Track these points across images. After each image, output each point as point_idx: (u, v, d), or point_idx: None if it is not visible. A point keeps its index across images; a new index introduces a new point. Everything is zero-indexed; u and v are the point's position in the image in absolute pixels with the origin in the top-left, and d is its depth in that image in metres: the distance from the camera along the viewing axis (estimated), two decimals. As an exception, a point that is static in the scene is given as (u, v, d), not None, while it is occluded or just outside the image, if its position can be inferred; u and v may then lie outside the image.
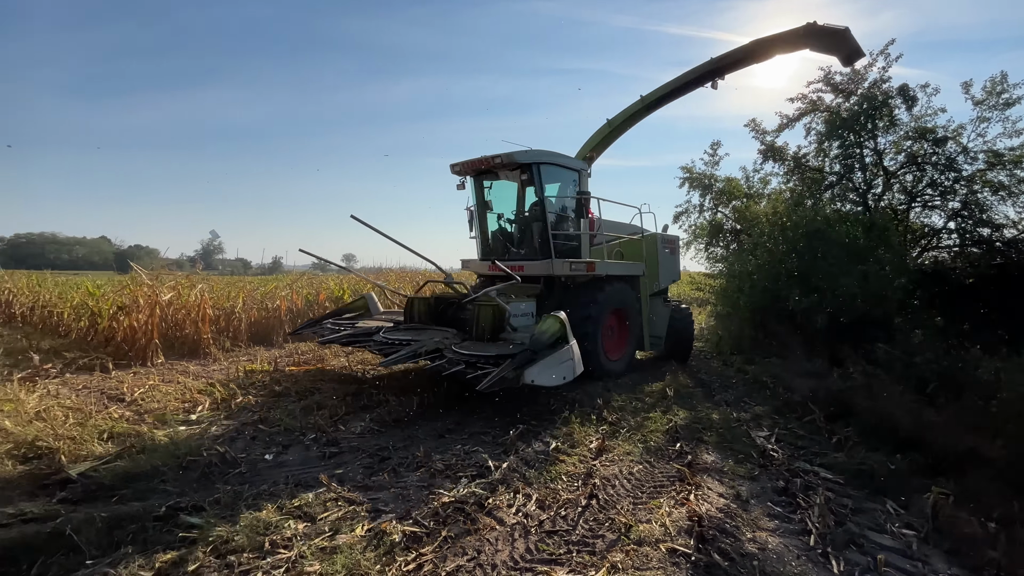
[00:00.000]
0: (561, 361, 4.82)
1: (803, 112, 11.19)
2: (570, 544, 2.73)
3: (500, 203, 7.54)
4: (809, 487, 3.67)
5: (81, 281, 14.40)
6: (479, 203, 7.54)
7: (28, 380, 5.98)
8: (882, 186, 10.61)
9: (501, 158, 6.73)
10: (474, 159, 7.06)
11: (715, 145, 13.61)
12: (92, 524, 2.61)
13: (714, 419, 5.29)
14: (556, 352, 4.82)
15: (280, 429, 4.47)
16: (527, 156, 6.74)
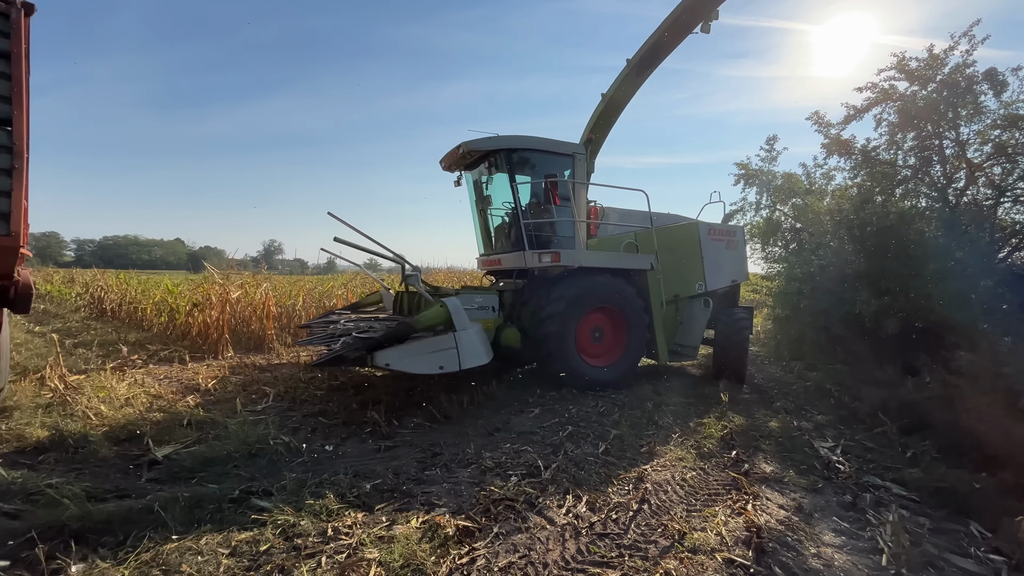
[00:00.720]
0: (433, 349, 4.80)
1: (873, 102, 10.43)
2: (622, 548, 2.70)
3: (502, 195, 6.95)
4: (880, 503, 3.45)
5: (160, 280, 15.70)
6: (475, 197, 7.33)
7: (118, 369, 6.58)
8: (965, 180, 9.75)
9: (463, 147, 6.37)
10: (449, 152, 6.75)
11: (772, 140, 12.98)
12: (176, 503, 2.85)
13: (772, 427, 5.06)
14: (429, 340, 4.85)
15: (339, 422, 4.69)
16: (491, 143, 6.31)
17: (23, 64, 3.64)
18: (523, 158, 6.46)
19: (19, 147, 3.55)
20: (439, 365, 4.83)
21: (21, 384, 5.35)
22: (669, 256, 7.09)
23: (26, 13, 3.68)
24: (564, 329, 6.03)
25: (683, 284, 7.23)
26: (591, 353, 6.41)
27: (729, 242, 7.82)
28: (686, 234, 7.38)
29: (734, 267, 7.88)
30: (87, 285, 15.22)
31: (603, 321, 6.52)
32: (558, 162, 6.57)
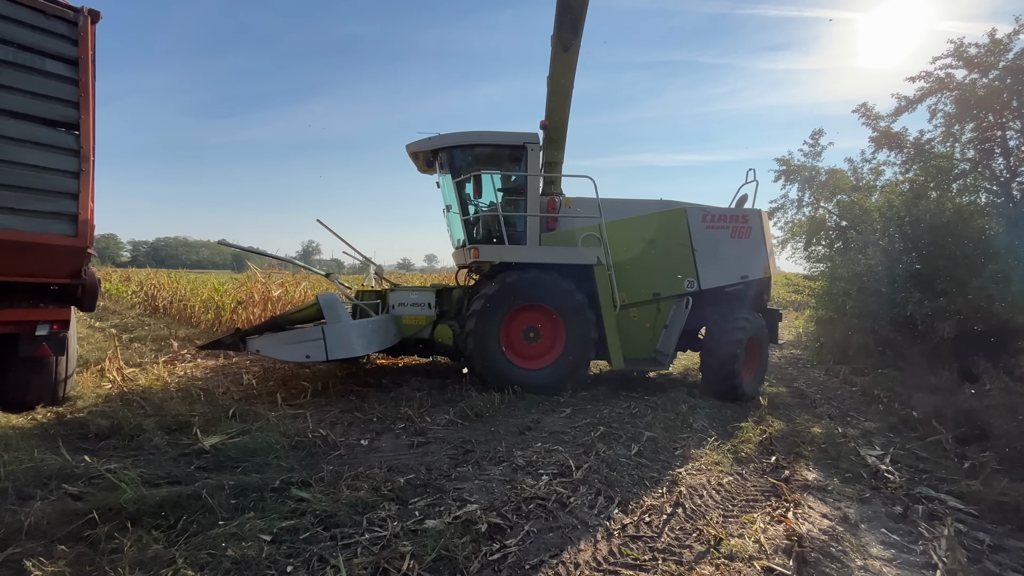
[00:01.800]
0: (301, 340, 5.29)
1: (927, 92, 9.86)
2: (655, 551, 2.65)
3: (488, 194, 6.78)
4: (934, 516, 3.26)
5: (207, 279, 16.47)
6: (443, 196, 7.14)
7: (169, 363, 6.96)
8: (1031, 173, 9.08)
9: (410, 147, 6.44)
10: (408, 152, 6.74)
11: (816, 134, 12.48)
12: (222, 490, 2.98)
13: (815, 433, 4.86)
14: (298, 331, 5.48)
15: (373, 417, 4.81)
16: (431, 143, 6.27)
17: (90, 70, 3.89)
18: (468, 154, 6.28)
19: (86, 151, 3.80)
20: (306, 354, 5.25)
21: (83, 375, 5.73)
22: (645, 248, 6.28)
23: (92, 20, 3.93)
24: (484, 328, 5.79)
25: (665, 280, 6.33)
26: (525, 355, 6.06)
27: (736, 229, 6.49)
28: (669, 222, 6.34)
29: (744, 260, 6.51)
30: (142, 284, 16.16)
31: (540, 320, 6.07)
32: (508, 154, 6.30)
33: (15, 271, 3.81)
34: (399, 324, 6.39)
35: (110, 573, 2.25)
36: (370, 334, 5.65)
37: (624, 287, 6.23)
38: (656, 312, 6.38)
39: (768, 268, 6.56)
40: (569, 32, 5.68)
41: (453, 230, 6.87)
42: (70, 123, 3.83)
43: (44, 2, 3.72)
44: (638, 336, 6.36)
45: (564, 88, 6.20)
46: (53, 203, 3.72)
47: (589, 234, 6.17)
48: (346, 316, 5.53)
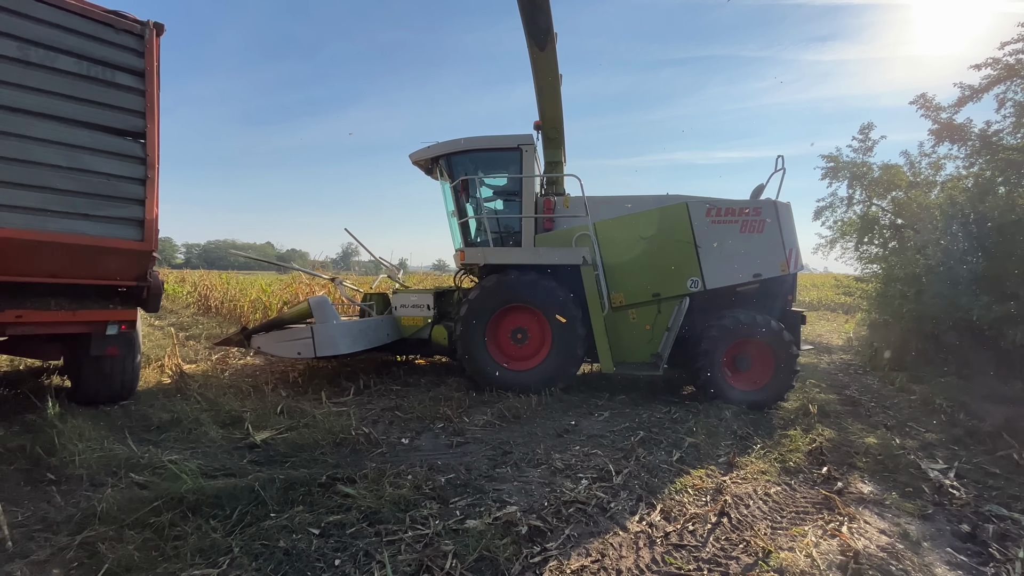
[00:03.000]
0: (293, 338, 5.76)
1: (995, 80, 9.16)
2: (700, 561, 2.59)
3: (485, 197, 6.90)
4: (1006, 536, 3.02)
5: (255, 280, 17.23)
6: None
7: (222, 360, 7.32)
8: (1117, 165, 8.31)
9: (411, 157, 6.64)
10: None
11: (866, 128, 11.79)
12: (273, 484, 3.12)
13: (870, 443, 4.61)
14: (291, 329, 5.93)
15: (413, 416, 4.90)
16: (430, 151, 6.44)
17: (155, 81, 4.14)
18: (465, 160, 6.36)
19: (151, 159, 4.05)
20: (297, 351, 5.73)
21: (146, 371, 6.11)
22: (644, 246, 5.96)
23: (157, 33, 4.18)
24: (471, 330, 5.87)
25: (667, 280, 5.96)
26: (513, 356, 6.07)
27: (747, 223, 5.92)
28: (669, 217, 5.95)
29: (757, 257, 5.92)
30: (195, 285, 17.08)
31: (528, 322, 6.03)
32: (505, 157, 6.30)
33: (88, 274, 4.11)
34: (399, 324, 6.68)
35: (175, 559, 2.39)
36: (357, 334, 5.95)
37: (621, 287, 6.04)
38: (657, 314, 6.06)
39: (786, 265, 5.92)
40: (539, 30, 5.56)
41: (453, 234, 7.01)
42: (137, 132, 4.09)
43: (114, 17, 3.98)
44: (637, 339, 6.11)
45: (550, 87, 6.13)
46: (122, 209, 3.99)
47: (583, 234, 6.01)
48: (333, 316, 5.91)
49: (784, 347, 5.59)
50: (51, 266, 3.89)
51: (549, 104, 6.30)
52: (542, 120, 6.46)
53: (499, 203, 6.76)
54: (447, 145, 6.35)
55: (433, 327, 6.57)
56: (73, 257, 3.91)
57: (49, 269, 3.90)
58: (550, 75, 6.01)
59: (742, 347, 5.74)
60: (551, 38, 5.69)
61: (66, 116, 3.79)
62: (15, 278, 3.76)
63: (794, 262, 5.96)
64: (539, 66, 5.94)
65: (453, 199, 6.55)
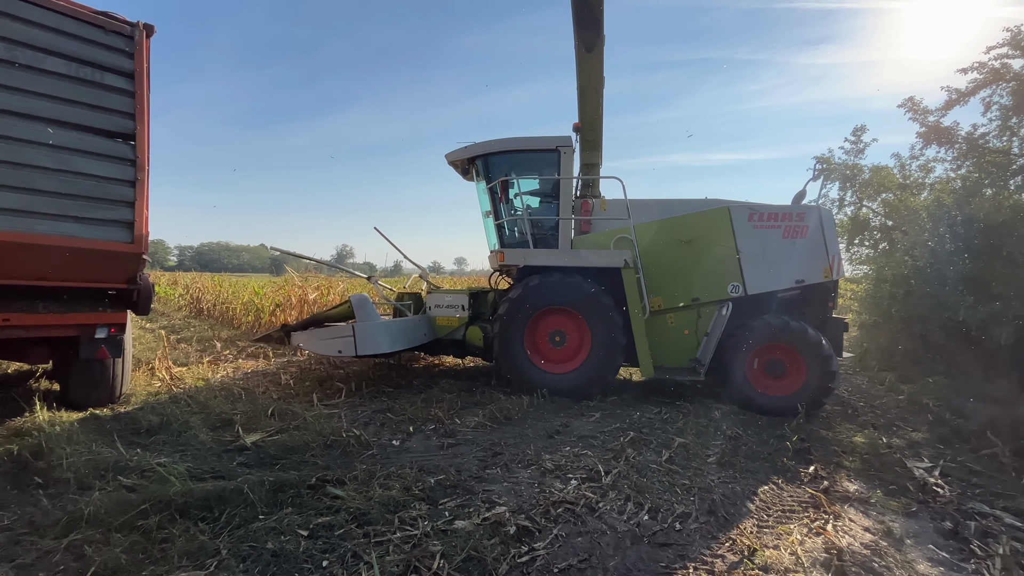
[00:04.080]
0: (334, 336, 5.71)
1: (981, 84, 9.31)
2: (686, 559, 2.61)
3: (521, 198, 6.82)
4: (988, 533, 3.07)
5: (248, 282, 17.16)
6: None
7: (213, 363, 7.29)
8: (1100, 168, 8.47)
9: (448, 157, 6.69)
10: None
11: (859, 130, 11.95)
12: (262, 486, 3.11)
13: (857, 442, 4.67)
14: (334, 327, 5.96)
15: (404, 418, 4.90)
16: (467, 151, 6.45)
17: (145, 82, 4.13)
18: (502, 160, 6.35)
19: (141, 160, 4.04)
20: (338, 349, 5.65)
21: (135, 374, 6.08)
22: (684, 250, 5.93)
23: (147, 34, 4.17)
24: (508, 332, 5.84)
25: (707, 285, 5.90)
26: (551, 358, 5.99)
27: (789, 229, 5.85)
28: (710, 222, 5.90)
29: (799, 263, 5.84)
30: (187, 287, 16.99)
31: (566, 324, 5.98)
32: (543, 158, 6.27)
33: (77, 277, 4.09)
34: (433, 324, 6.66)
35: (162, 561, 2.39)
36: (397, 333, 5.91)
37: (660, 292, 6.00)
38: (697, 319, 5.99)
39: (829, 271, 5.82)
40: (590, 31, 5.52)
41: (488, 235, 7.02)
42: (127, 134, 4.08)
43: (104, 18, 3.97)
44: (676, 343, 6.05)
45: (593, 89, 6.07)
46: (111, 211, 3.98)
47: (621, 236, 6.01)
48: (375, 315, 5.87)
49: (816, 354, 5.38)
50: (39, 269, 3.87)
51: (590, 107, 6.25)
52: (581, 122, 6.40)
53: (536, 204, 6.74)
54: (484, 146, 6.36)
55: (467, 328, 6.54)
56: (62, 260, 3.89)
57: (37, 272, 3.88)
58: (594, 78, 6.00)
59: (773, 352, 5.60)
60: (600, 40, 5.68)
61: (55, 118, 3.78)
62: (2, 281, 3.74)
63: (836, 268, 5.90)
64: (584, 68, 5.93)
65: (489, 200, 6.53)
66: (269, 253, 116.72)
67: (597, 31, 5.57)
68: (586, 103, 6.21)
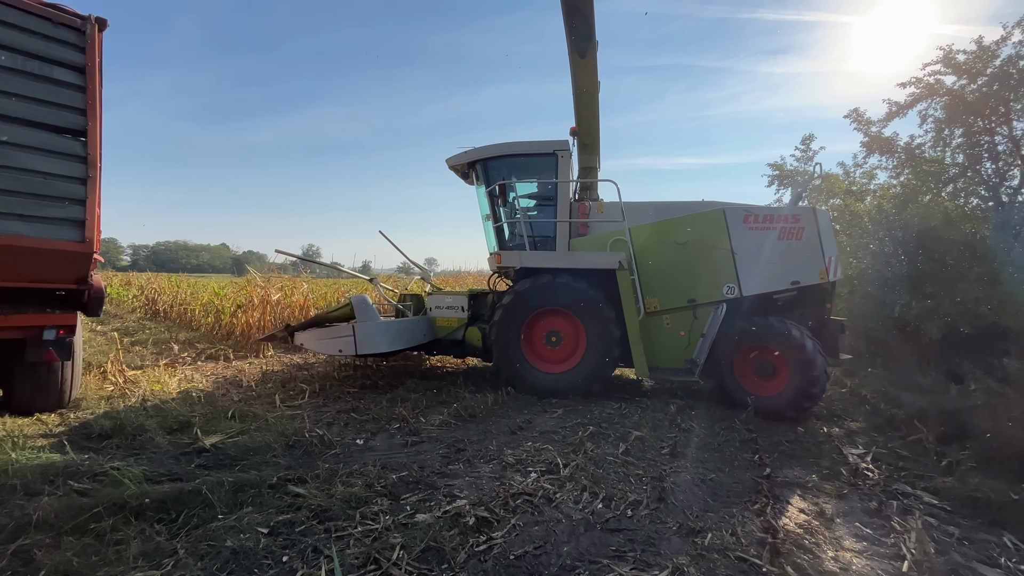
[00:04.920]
0: (335, 335, 5.93)
1: (918, 97, 10.02)
2: (635, 542, 2.77)
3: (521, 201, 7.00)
4: (908, 511, 3.37)
5: (208, 283, 16.61)
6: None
7: (170, 366, 7.08)
8: (1020, 177, 9.24)
9: (449, 161, 6.85)
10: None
11: (807, 139, 12.67)
12: (222, 486, 3.10)
13: (800, 432, 4.99)
14: (335, 327, 6.12)
15: (369, 418, 4.93)
16: (467, 156, 6.64)
17: (96, 77, 4.02)
18: (501, 164, 6.51)
19: (92, 157, 3.93)
20: (339, 348, 5.89)
21: (86, 378, 5.85)
22: (679, 252, 5.99)
23: (99, 28, 4.06)
24: (505, 332, 6.00)
25: (702, 286, 5.96)
26: (547, 358, 6.13)
27: (785, 230, 5.86)
28: (706, 223, 5.95)
29: (795, 264, 5.85)
30: (142, 288, 16.31)
31: (562, 325, 6.10)
32: (540, 163, 6.42)
33: (24, 277, 3.94)
34: (433, 325, 6.83)
35: (116, 563, 2.38)
36: (396, 333, 6.10)
37: (656, 293, 6.07)
38: (693, 320, 6.02)
39: (825, 273, 5.84)
40: (581, 37, 5.62)
41: (488, 238, 7.13)
42: (77, 130, 3.96)
43: (52, 10, 3.85)
44: (672, 344, 6.08)
45: (588, 94, 6.17)
46: (61, 209, 3.85)
47: (618, 239, 6.12)
48: (374, 316, 6.01)
49: (799, 355, 5.36)
50: (-18, 268, 3.72)
51: (586, 111, 6.36)
52: (578, 126, 6.53)
53: (534, 207, 6.88)
54: (484, 150, 6.51)
55: (467, 328, 6.70)
56: (8, 259, 3.75)
57: (-20, 272, 3.73)
58: (589, 82, 6.08)
59: (760, 353, 5.66)
60: (592, 46, 5.77)
61: (1, 113, 3.64)
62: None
63: (833, 270, 5.92)
64: (579, 73, 5.99)
65: (488, 203, 6.68)
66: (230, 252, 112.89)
67: (589, 36, 5.67)
68: (582, 108, 6.33)
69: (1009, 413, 4.54)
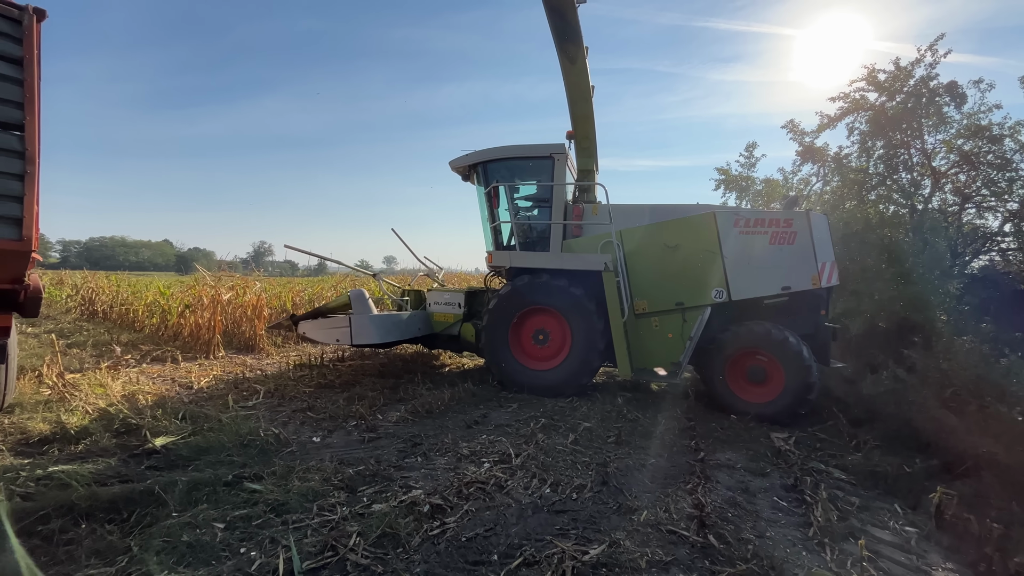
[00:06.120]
0: (333, 326, 6.35)
1: (846, 111, 10.92)
2: (578, 521, 3.02)
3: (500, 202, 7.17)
4: (818, 485, 3.79)
5: (151, 281, 15.81)
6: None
7: (112, 368, 6.80)
8: (930, 187, 10.24)
9: (451, 164, 7.16)
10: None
11: (751, 146, 13.48)
12: (175, 486, 3.12)
13: (733, 420, 5.42)
14: (334, 318, 6.51)
15: (326, 416, 4.97)
16: (468, 159, 6.92)
17: (35, 70, 3.87)
18: (500, 167, 6.77)
19: (31, 152, 3.79)
20: (336, 338, 6.28)
21: (20, 382, 5.56)
22: (669, 255, 6.03)
23: (38, 19, 3.91)
24: (494, 329, 6.27)
25: (691, 289, 5.95)
26: (535, 356, 6.33)
27: (777, 235, 5.82)
28: (697, 227, 5.94)
29: (786, 269, 5.79)
30: (77, 287, 15.32)
31: (549, 324, 6.29)
32: (537, 165, 6.63)
33: (-47, 276, 3.75)
34: (431, 320, 7.15)
35: (68, 562, 2.39)
36: (390, 326, 6.45)
37: (645, 295, 6.16)
38: (682, 322, 6.02)
39: (818, 279, 5.80)
40: (569, 43, 5.76)
41: (486, 238, 7.28)
42: (14, 124, 3.80)
43: None
44: (660, 346, 6.13)
45: (582, 98, 6.35)
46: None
47: (608, 241, 6.22)
48: (370, 309, 6.31)
49: (794, 361, 5.43)
50: (-94, 268, 3.53)
51: (581, 115, 6.49)
52: (574, 129, 6.70)
53: (531, 209, 7.06)
54: (483, 153, 6.77)
55: (462, 324, 7.03)
56: (-64, 258, 3.57)
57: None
58: (582, 87, 6.22)
59: (753, 358, 5.69)
60: (581, 52, 5.90)
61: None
62: None
63: (827, 276, 5.90)
64: (571, 79, 6.14)
65: (486, 204, 6.90)
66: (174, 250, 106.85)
67: (577, 43, 5.81)
68: (576, 111, 6.51)
69: (909, 398, 5.12)
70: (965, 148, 9.67)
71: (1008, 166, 9.13)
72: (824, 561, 2.79)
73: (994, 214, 9.92)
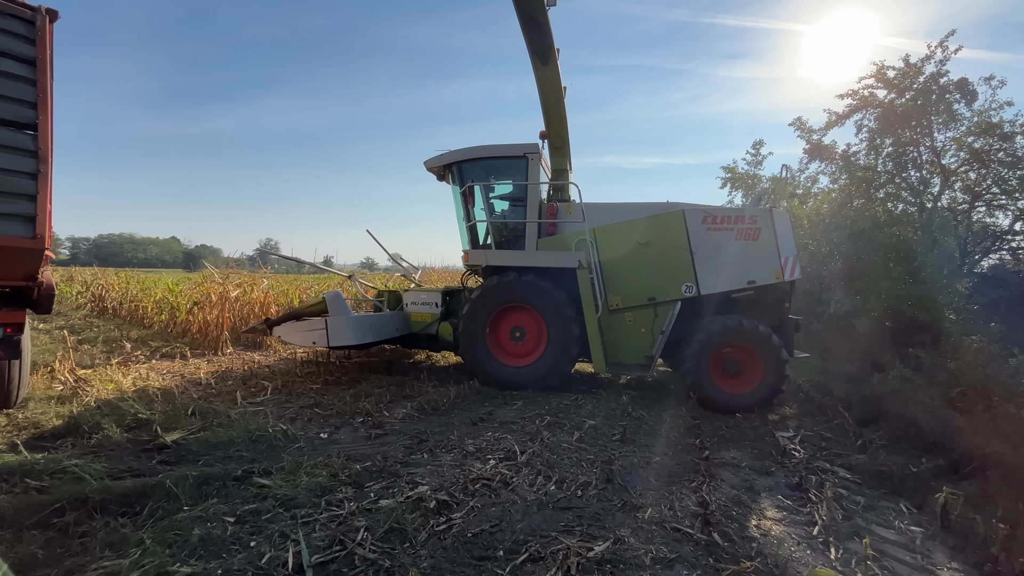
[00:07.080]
0: (309, 329, 6.20)
1: (854, 108, 10.83)
2: (582, 518, 3.04)
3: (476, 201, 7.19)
4: (823, 484, 3.79)
5: (159, 278, 15.97)
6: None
7: (122, 365, 6.89)
8: (940, 185, 10.14)
9: (426, 164, 7.13)
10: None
11: (757, 144, 13.41)
12: (186, 480, 3.17)
13: (738, 419, 5.42)
14: (309, 320, 6.38)
15: (333, 412, 5.02)
16: (442, 159, 6.92)
17: (47, 70, 3.92)
18: (475, 167, 6.78)
19: (44, 151, 3.85)
20: (312, 341, 6.15)
21: (33, 377, 5.66)
22: (640, 252, 6.23)
23: (50, 20, 3.96)
24: (472, 326, 6.33)
25: (662, 285, 6.17)
26: (512, 353, 6.44)
27: (743, 231, 6.07)
28: (666, 224, 6.16)
29: (752, 264, 6.06)
30: (87, 284, 15.50)
31: (525, 321, 6.40)
32: (512, 165, 6.65)
33: (-31, 273, 3.82)
34: (409, 320, 7.09)
35: (82, 554, 2.44)
36: (367, 327, 6.35)
37: (618, 291, 6.31)
38: (654, 317, 6.23)
39: (781, 273, 6.03)
40: (541, 46, 5.80)
41: (462, 237, 7.32)
42: (28, 124, 3.86)
43: (1, 2, 3.74)
44: (634, 341, 6.31)
45: (555, 99, 6.39)
46: (10, 205, 3.75)
47: (582, 238, 6.33)
48: (346, 311, 6.25)
49: (772, 352, 5.66)
50: (-76, 265, 3.60)
51: (554, 115, 6.56)
52: (547, 129, 6.77)
53: (506, 208, 7.12)
54: (458, 153, 6.77)
55: (440, 323, 7.02)
56: (-49, 255, 3.64)
57: (-78, 268, 3.60)
58: (554, 88, 6.29)
59: (730, 351, 5.87)
60: (553, 54, 5.94)
61: (-56, 105, 3.53)
62: None
63: (790, 270, 6.09)
64: (543, 80, 6.19)
65: (462, 204, 6.92)
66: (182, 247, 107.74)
67: (548, 45, 5.84)
68: (549, 112, 6.54)
69: (916, 397, 5.11)
70: (975, 146, 9.58)
71: (1019, 164, 9.03)
72: (828, 560, 2.79)
73: (1004, 212, 9.83)
